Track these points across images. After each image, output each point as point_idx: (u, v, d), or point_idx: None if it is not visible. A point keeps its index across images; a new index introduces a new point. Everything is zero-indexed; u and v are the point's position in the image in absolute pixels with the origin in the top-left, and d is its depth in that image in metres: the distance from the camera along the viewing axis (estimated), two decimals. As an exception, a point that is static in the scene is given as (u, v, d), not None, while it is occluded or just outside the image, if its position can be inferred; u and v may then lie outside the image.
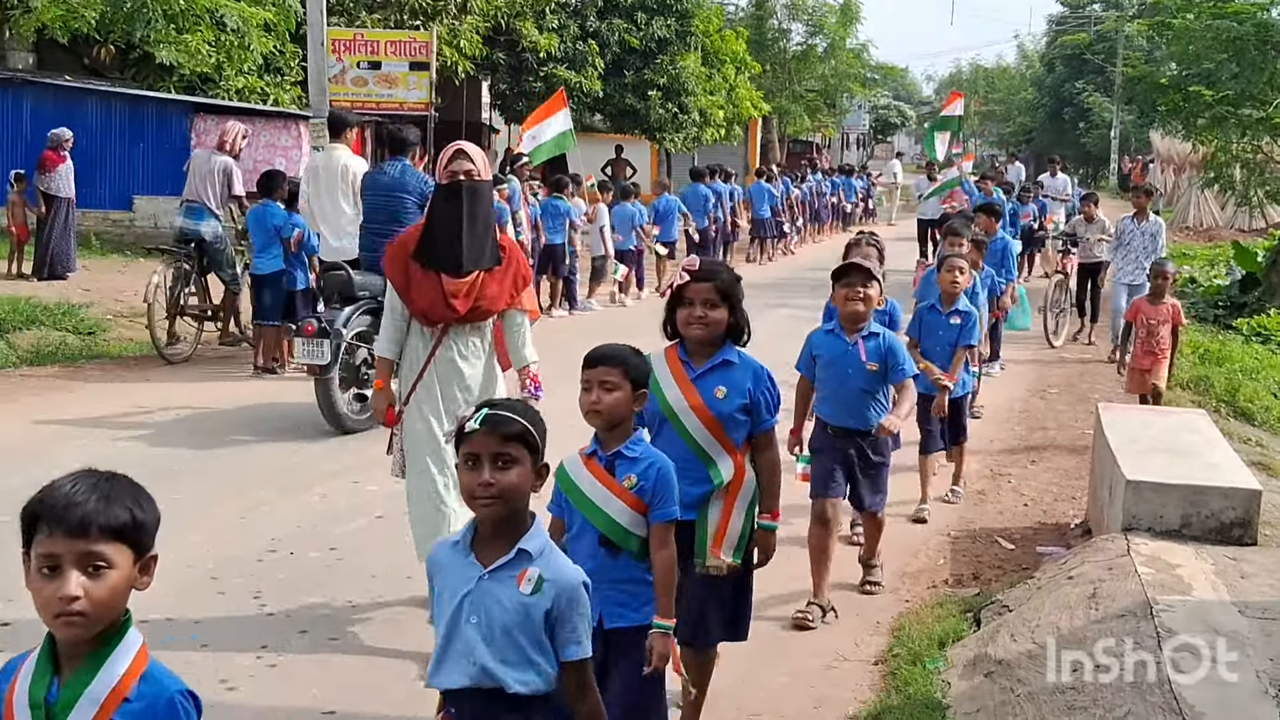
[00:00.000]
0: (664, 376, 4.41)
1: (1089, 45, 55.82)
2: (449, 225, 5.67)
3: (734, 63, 34.67)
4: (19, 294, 13.32)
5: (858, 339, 5.99)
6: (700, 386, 4.40)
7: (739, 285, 4.45)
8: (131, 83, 20.06)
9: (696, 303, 4.35)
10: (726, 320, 4.39)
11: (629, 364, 3.85)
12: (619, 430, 3.85)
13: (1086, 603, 5.33)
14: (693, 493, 4.35)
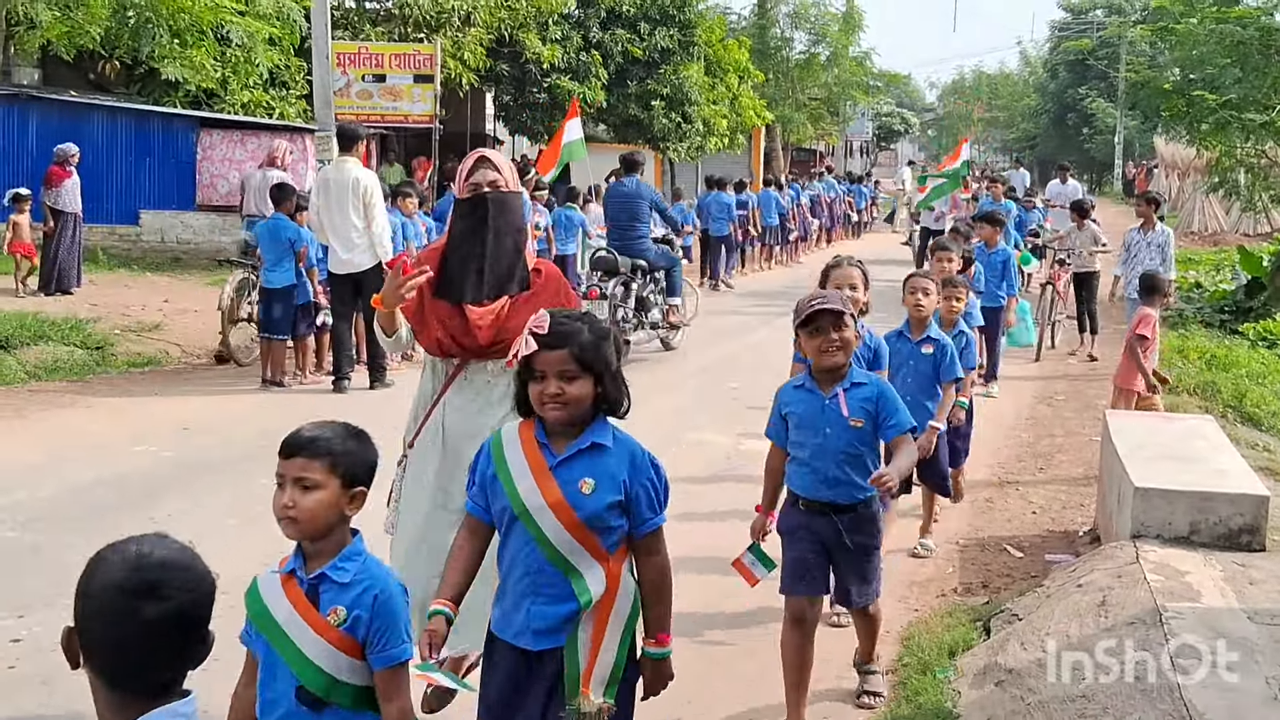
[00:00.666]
0: (515, 463, 3.50)
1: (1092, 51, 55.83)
2: (470, 246, 4.80)
3: (737, 72, 34.72)
4: (25, 309, 13.36)
5: (837, 390, 4.83)
6: (561, 478, 3.45)
7: (607, 344, 3.48)
8: (137, 98, 20.15)
9: (549, 376, 3.40)
10: (592, 394, 3.44)
11: (336, 454, 3.05)
12: (326, 543, 3.07)
13: (1096, 610, 5.33)
14: (553, 614, 3.48)
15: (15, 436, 9.56)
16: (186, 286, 16.76)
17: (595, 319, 3.55)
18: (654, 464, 3.53)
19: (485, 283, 4.76)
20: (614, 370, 3.48)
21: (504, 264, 4.80)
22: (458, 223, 4.88)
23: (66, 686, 5.09)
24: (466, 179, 4.86)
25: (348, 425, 3.16)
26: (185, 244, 19.23)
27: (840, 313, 4.71)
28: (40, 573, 6.48)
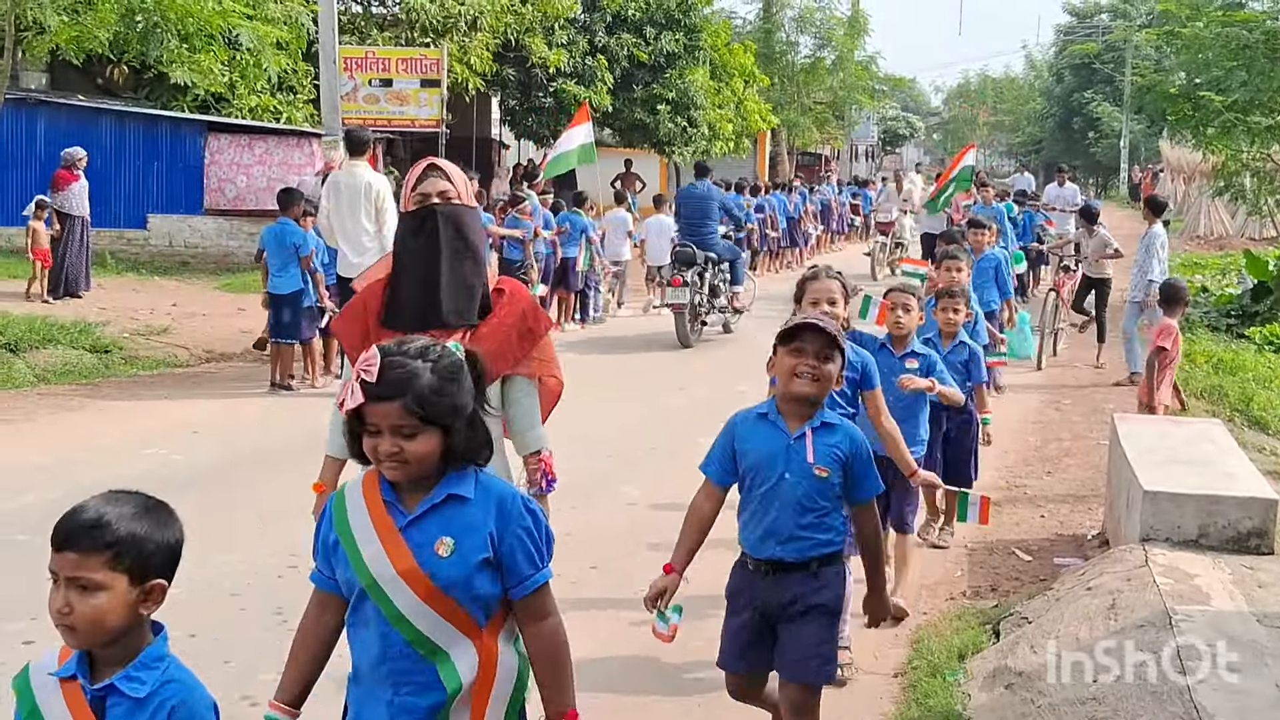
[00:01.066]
0: (359, 525, 2.89)
1: (1098, 55, 55.87)
2: (423, 267, 4.16)
3: (742, 76, 34.78)
4: (35, 313, 13.39)
5: (804, 430, 4.07)
6: (413, 540, 2.84)
7: (455, 385, 2.84)
8: (145, 102, 20.20)
9: (384, 431, 2.79)
10: (438, 448, 2.82)
11: (122, 544, 2.46)
12: (116, 649, 2.51)
13: (1106, 613, 5.34)
14: (417, 708, 2.88)
15: (25, 439, 9.60)
16: (194, 290, 16.80)
17: (444, 351, 2.90)
18: (529, 509, 2.92)
19: (443, 309, 4.11)
20: (467, 415, 2.86)
21: (462, 286, 4.15)
22: (405, 240, 4.24)
23: (79, 688, 5.11)
24: (413, 189, 4.24)
25: (141, 499, 2.60)
26: (193, 248, 19.28)
27: (832, 338, 4.01)
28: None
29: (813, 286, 5.28)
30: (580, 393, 5.74)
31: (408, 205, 4.25)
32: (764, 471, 4.07)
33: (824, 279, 5.30)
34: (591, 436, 9.45)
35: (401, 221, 4.35)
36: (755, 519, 4.10)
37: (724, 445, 4.20)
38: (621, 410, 11.18)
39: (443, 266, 4.13)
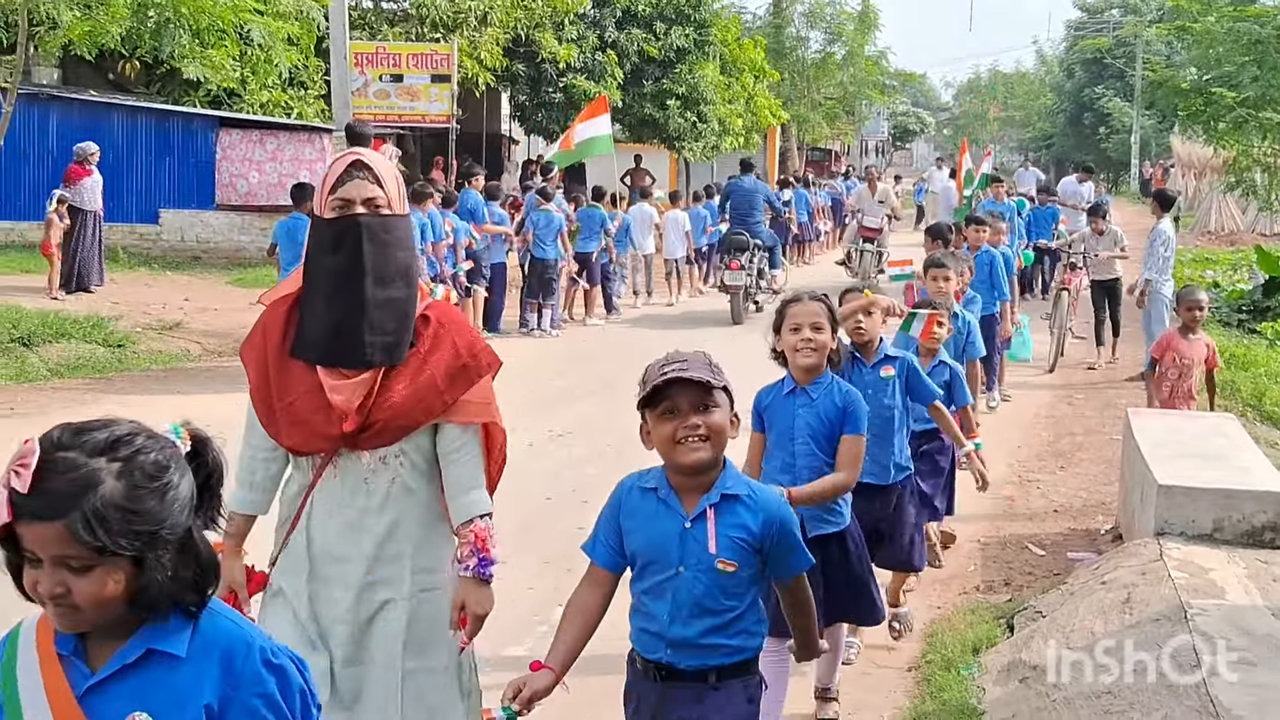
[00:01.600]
0: (28, 687, 2.01)
1: (1108, 50, 55.71)
2: (341, 291, 3.36)
3: (752, 71, 34.74)
4: (47, 307, 13.43)
5: (703, 507, 3.16)
6: (96, 713, 1.98)
7: (158, 494, 1.96)
8: (157, 97, 20.25)
9: (46, 563, 1.91)
10: (122, 590, 1.94)
11: None
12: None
13: (1120, 608, 5.34)
14: None
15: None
16: (206, 285, 16.85)
17: (145, 444, 2.01)
18: (274, 666, 2.06)
19: (365, 345, 3.34)
20: (177, 539, 1.97)
21: (390, 318, 3.38)
22: (318, 255, 3.43)
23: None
24: (331, 192, 3.40)
25: None
26: (205, 243, 19.32)
27: (707, 386, 3.12)
28: (67, 568, 6.52)
29: (794, 310, 4.61)
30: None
31: (324, 210, 3.41)
32: (654, 564, 3.21)
33: (806, 302, 4.62)
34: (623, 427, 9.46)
35: (314, 231, 3.49)
36: (643, 614, 3.27)
37: (609, 521, 3.31)
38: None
39: (367, 292, 3.35)
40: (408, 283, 3.44)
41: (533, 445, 9.51)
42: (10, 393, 10.99)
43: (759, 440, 4.74)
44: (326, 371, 3.37)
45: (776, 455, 4.65)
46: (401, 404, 3.36)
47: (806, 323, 4.53)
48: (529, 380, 12.53)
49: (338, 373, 3.38)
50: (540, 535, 7.31)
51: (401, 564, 3.42)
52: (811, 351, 4.52)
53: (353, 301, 3.35)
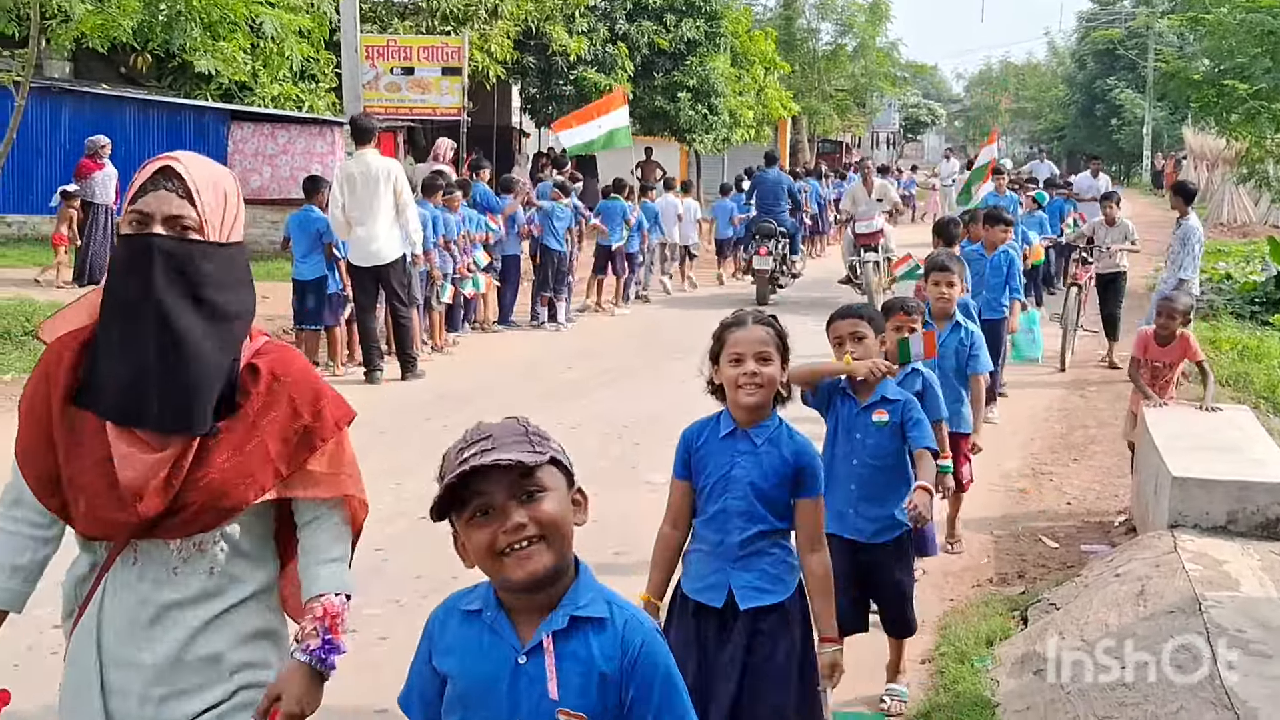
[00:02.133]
0: None
1: (1120, 41, 55.56)
2: (124, 329, 2.66)
3: (763, 63, 34.68)
4: (58, 300, 13.46)
5: (540, 638, 2.33)
6: None
7: None
8: (169, 91, 20.28)
9: None
10: None
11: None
12: None
13: (1134, 599, 5.34)
14: None
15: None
16: (218, 278, 16.84)
17: None
18: None
19: (153, 408, 2.62)
20: None
21: (184, 371, 2.63)
22: (111, 279, 2.72)
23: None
24: (131, 202, 2.72)
25: None
26: (216, 236, 19.36)
27: (528, 470, 2.28)
28: (82, 560, 6.56)
29: (735, 337, 3.81)
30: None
31: (124, 225, 2.72)
32: (478, 715, 2.36)
33: (749, 326, 3.78)
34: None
35: (113, 255, 2.81)
36: None
37: (421, 664, 2.52)
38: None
39: (155, 336, 2.62)
40: (223, 329, 2.70)
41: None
42: (23, 385, 11.02)
43: (683, 490, 3.87)
44: (120, 434, 2.62)
45: (708, 508, 3.83)
46: (222, 481, 2.65)
47: (750, 353, 3.70)
48: (539, 373, 12.55)
49: (133, 437, 2.62)
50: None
51: (218, 668, 2.75)
52: (756, 388, 3.68)
53: (138, 346, 2.63)
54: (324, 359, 12.19)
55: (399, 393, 11.30)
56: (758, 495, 3.75)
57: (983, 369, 6.92)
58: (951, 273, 6.96)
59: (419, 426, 9.83)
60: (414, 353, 11.96)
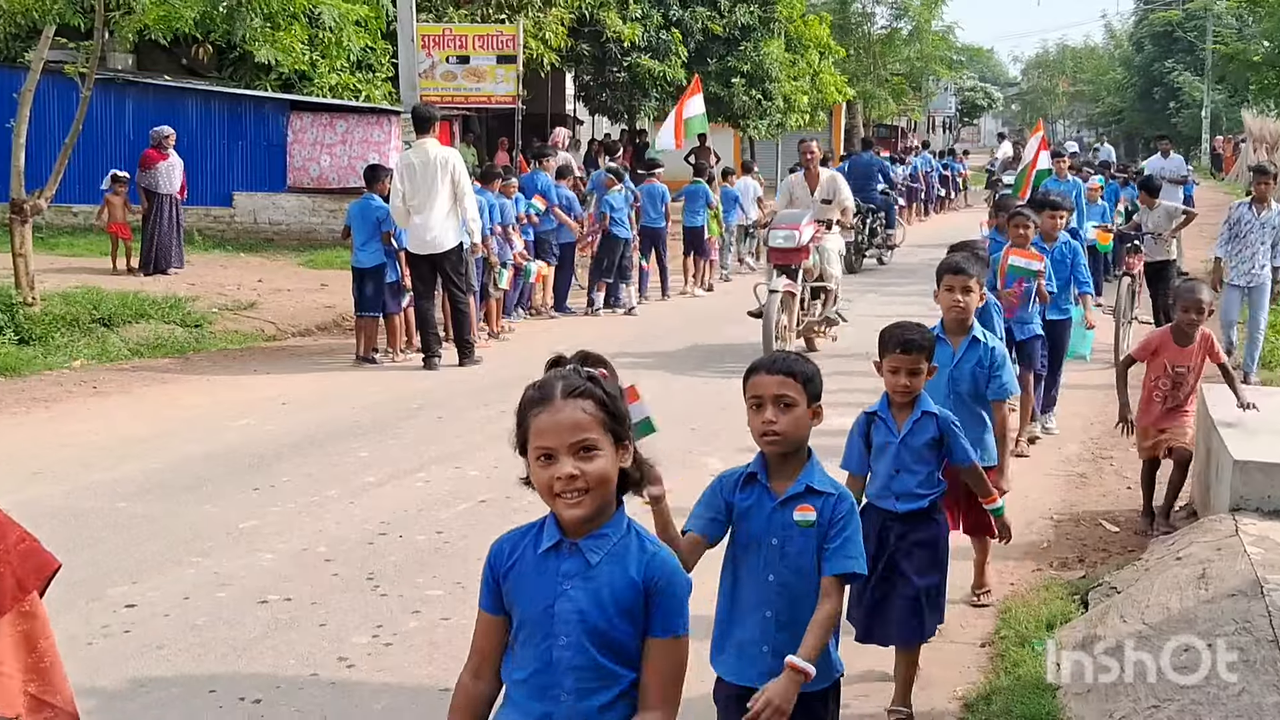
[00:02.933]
0: None
1: (1179, 23, 54.78)
2: None
3: (818, 48, 34.53)
4: (127, 289, 13.70)
5: None
6: None
7: None
8: (229, 81, 20.50)
9: None
10: None
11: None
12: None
13: (1196, 583, 5.32)
14: None
15: (123, 411, 9.86)
16: (278, 266, 17.08)
17: None
18: None
19: None
20: None
21: None
22: None
23: (179, 649, 5.29)
24: None
25: None
26: (277, 225, 19.57)
27: None
28: (152, 541, 6.72)
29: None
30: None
31: None
32: None
33: (556, 402, 2.64)
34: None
35: None
36: None
37: None
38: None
39: None
40: None
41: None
42: (93, 372, 11.26)
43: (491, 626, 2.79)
44: None
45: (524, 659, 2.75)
46: None
47: (562, 445, 2.62)
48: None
49: None
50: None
51: None
52: (579, 495, 2.63)
53: None
54: (384, 345, 12.34)
55: (457, 378, 11.42)
56: (591, 636, 2.65)
57: (1007, 394, 5.80)
58: (968, 276, 5.73)
59: (477, 411, 9.93)
60: (471, 339, 12.06)
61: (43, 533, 6.85)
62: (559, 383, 2.66)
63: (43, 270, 13.33)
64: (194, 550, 6.56)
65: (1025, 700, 4.85)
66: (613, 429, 2.65)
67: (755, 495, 3.51)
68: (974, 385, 5.72)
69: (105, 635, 5.46)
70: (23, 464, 8.12)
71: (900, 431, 4.79)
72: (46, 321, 11.92)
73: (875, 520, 4.77)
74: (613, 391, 2.71)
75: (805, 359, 3.60)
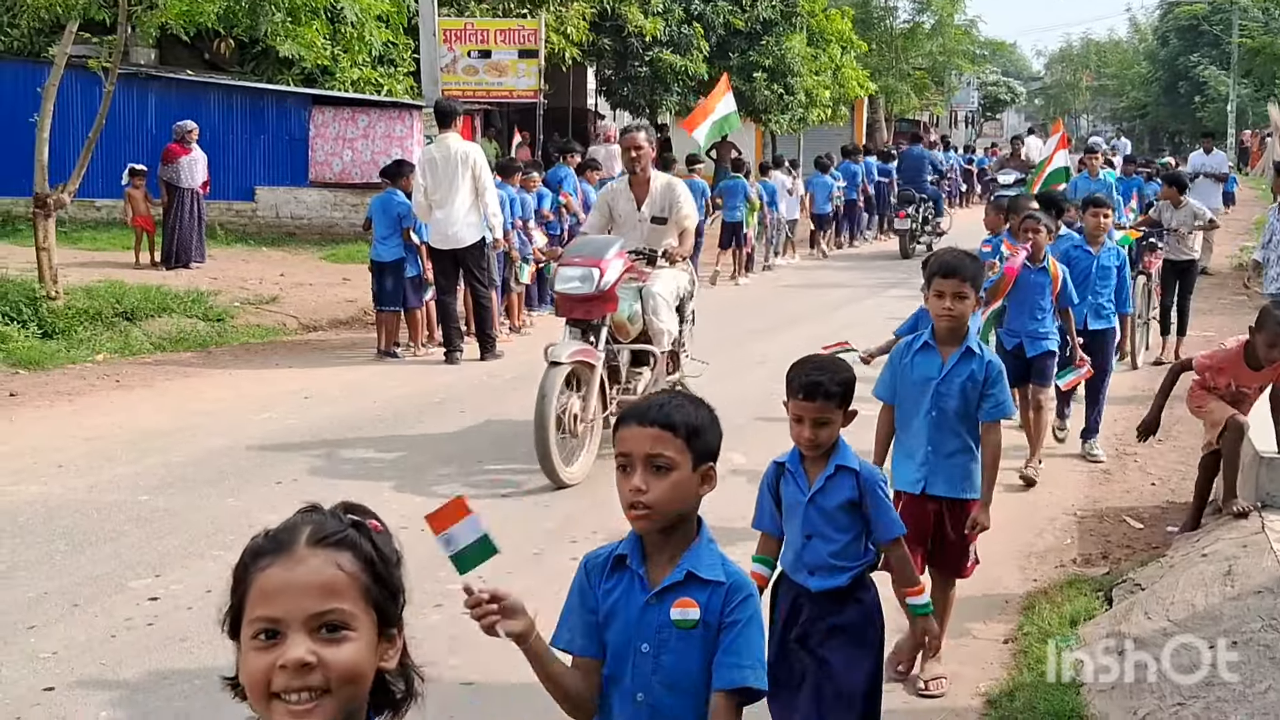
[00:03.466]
0: None
1: (1204, 17, 54.48)
2: None
3: (839, 42, 34.44)
4: (149, 283, 13.75)
5: None
6: None
7: None
8: (251, 76, 20.55)
9: None
10: None
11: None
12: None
13: (1221, 580, 5.28)
14: None
15: (145, 404, 9.89)
16: (300, 260, 17.13)
17: None
18: None
19: None
20: None
21: None
22: None
23: (202, 642, 5.29)
24: None
25: (696, 399, 2.71)
26: (298, 219, 19.63)
27: None
28: (174, 534, 6.73)
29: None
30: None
31: None
32: None
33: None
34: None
35: None
36: None
37: None
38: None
39: None
40: None
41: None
42: (115, 365, 11.31)
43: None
44: None
45: None
46: None
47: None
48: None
49: None
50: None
51: None
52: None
53: None
54: (405, 339, 12.36)
55: (478, 372, 11.43)
56: None
57: (1003, 414, 5.04)
58: (962, 279, 4.91)
59: (498, 405, 9.94)
60: (493, 333, 12.07)
61: (65, 525, 6.91)
62: (305, 526, 1.90)
63: (66, 264, 13.40)
64: (216, 544, 6.58)
65: (1048, 697, 4.82)
66: (377, 602, 1.89)
67: (623, 585, 2.68)
68: (964, 403, 4.87)
69: (128, 628, 5.47)
70: (46, 457, 8.15)
71: (810, 488, 3.87)
72: (69, 315, 11.97)
73: (788, 594, 3.98)
74: (387, 551, 1.95)
75: (693, 402, 2.73)
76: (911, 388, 4.93)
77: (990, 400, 4.88)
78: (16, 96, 18.39)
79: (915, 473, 4.95)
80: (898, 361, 5.00)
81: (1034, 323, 8.04)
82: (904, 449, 5.01)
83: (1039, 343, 8.05)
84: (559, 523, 7.07)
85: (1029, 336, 8.05)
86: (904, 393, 4.96)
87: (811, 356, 3.91)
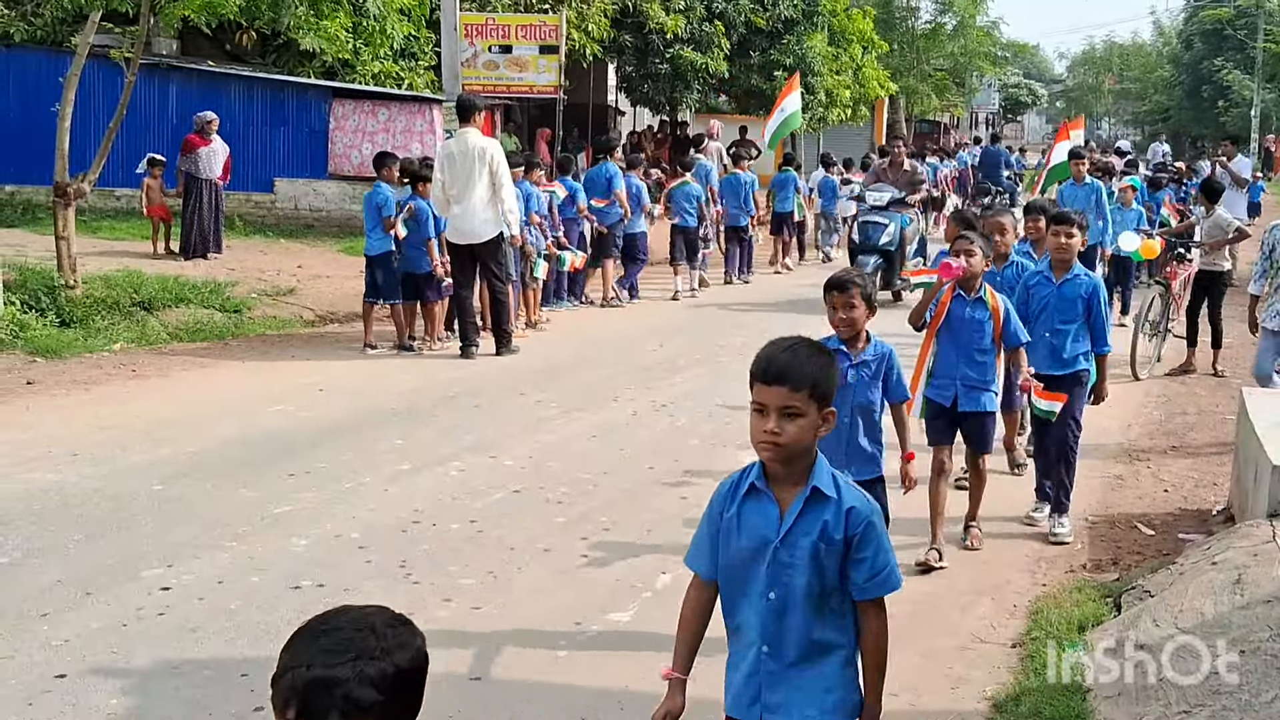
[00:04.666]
0: None
1: (1229, 21, 54.19)
2: None
3: (861, 42, 34.40)
4: (167, 273, 13.81)
5: None
6: None
7: None
8: (272, 68, 20.60)
9: None
10: None
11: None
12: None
13: (1231, 588, 5.27)
14: None
15: (160, 395, 9.93)
16: (317, 253, 17.16)
17: None
18: None
19: None
20: None
21: None
22: None
23: (213, 632, 5.33)
24: None
25: (817, 346, 3.15)
26: (317, 211, 19.66)
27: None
28: (187, 524, 6.76)
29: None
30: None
31: None
32: None
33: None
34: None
35: None
36: None
37: None
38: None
39: None
40: None
41: (636, 414, 9.60)
42: (132, 355, 11.36)
43: None
44: None
45: None
46: None
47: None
48: (630, 349, 12.60)
49: None
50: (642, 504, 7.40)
51: None
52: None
53: None
54: (420, 332, 12.40)
55: (493, 367, 11.45)
56: None
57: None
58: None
59: (513, 400, 9.96)
60: (509, 328, 12.09)
61: (79, 514, 6.94)
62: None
63: (84, 253, 13.45)
64: (229, 535, 6.61)
65: (1055, 702, 4.82)
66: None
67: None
68: (818, 576, 3.09)
69: (140, 617, 5.51)
70: (62, 445, 8.20)
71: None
72: (87, 304, 12.03)
73: None
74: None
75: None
76: (737, 554, 3.16)
77: (863, 566, 3.10)
78: (39, 86, 18.45)
79: (745, 693, 3.17)
80: (718, 514, 3.20)
81: (972, 368, 6.62)
82: (733, 651, 3.24)
83: (977, 396, 6.61)
84: (570, 518, 7.09)
85: (965, 385, 6.61)
86: (727, 563, 3.19)
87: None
